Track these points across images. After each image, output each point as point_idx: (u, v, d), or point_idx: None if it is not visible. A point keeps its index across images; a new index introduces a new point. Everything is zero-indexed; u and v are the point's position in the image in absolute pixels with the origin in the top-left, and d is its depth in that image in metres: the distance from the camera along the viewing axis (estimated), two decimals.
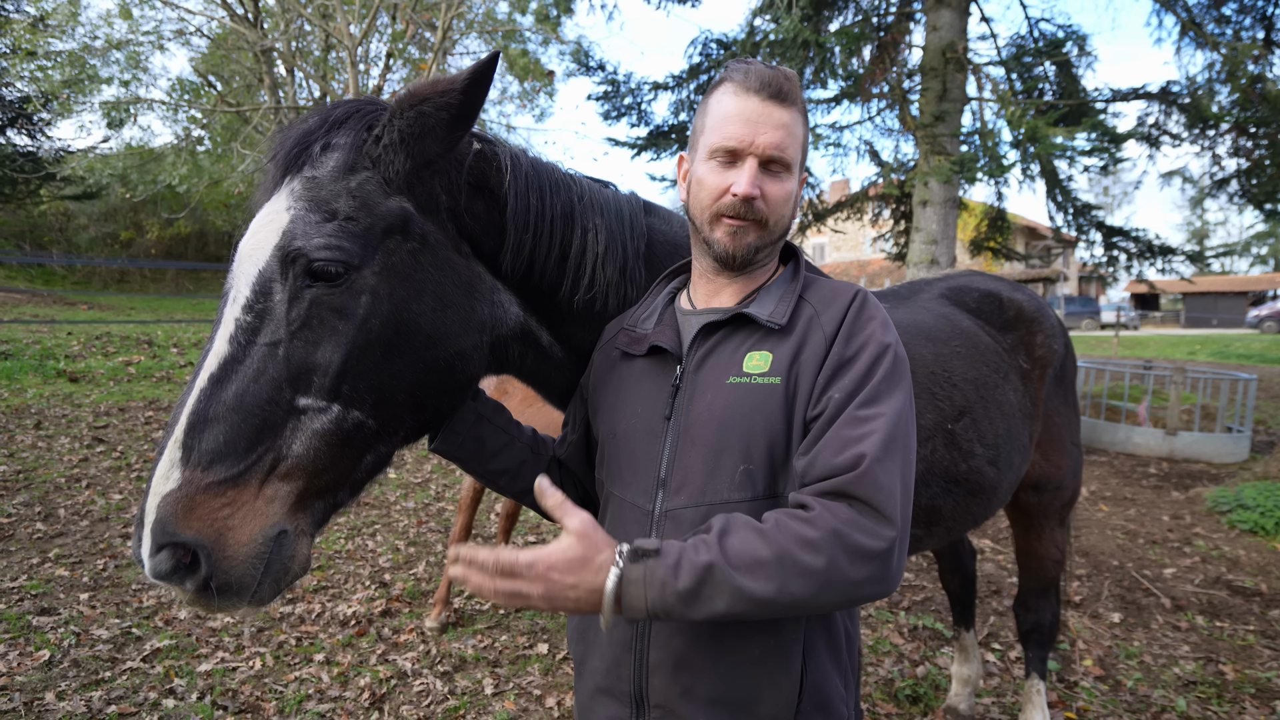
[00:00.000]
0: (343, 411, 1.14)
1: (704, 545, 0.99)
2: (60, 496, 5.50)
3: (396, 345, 1.18)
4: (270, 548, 1.08)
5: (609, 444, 1.31)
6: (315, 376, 1.12)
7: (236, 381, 1.09)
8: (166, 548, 1.02)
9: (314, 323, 1.13)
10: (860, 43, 7.44)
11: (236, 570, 1.05)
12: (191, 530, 1.02)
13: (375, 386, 1.17)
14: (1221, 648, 4.02)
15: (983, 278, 2.68)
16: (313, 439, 1.12)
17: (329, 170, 1.21)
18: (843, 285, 1.27)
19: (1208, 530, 5.97)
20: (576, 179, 1.51)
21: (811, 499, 1.03)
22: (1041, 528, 2.81)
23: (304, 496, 1.13)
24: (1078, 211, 9.61)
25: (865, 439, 1.04)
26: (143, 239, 27.34)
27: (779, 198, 1.20)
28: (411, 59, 20.26)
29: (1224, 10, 7.58)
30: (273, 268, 1.15)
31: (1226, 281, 44.04)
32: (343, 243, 1.15)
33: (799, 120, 1.21)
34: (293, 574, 1.13)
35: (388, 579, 4.57)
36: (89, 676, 3.27)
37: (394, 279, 1.19)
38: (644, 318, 1.35)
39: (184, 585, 1.04)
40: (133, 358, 10.00)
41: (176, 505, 1.03)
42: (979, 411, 2.09)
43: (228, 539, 1.05)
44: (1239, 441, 8.44)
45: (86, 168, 17.95)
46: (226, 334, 1.13)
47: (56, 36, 16.72)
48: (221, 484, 1.05)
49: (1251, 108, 7.18)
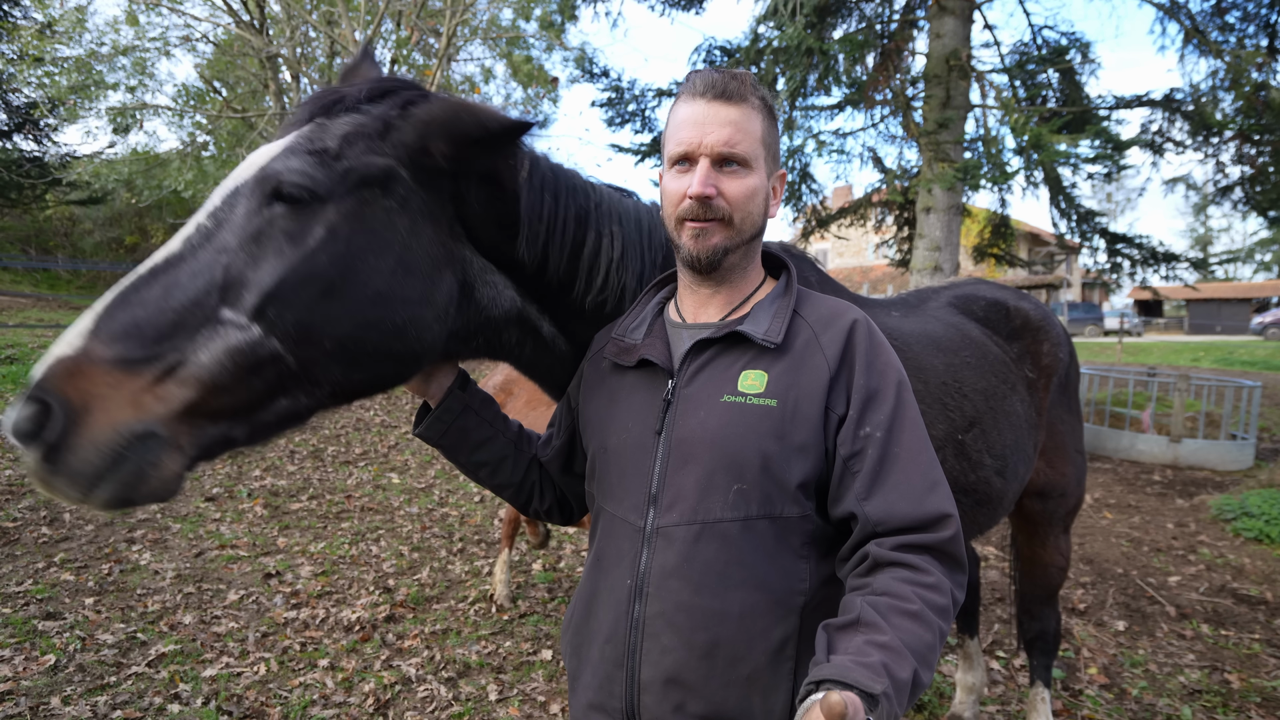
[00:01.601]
0: (262, 336, 1.10)
1: (895, 654, 0.96)
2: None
3: (339, 289, 1.16)
4: (131, 444, 1.01)
5: (600, 458, 1.31)
6: (245, 291, 1.10)
7: (172, 274, 1.09)
8: (34, 403, 0.97)
9: (263, 239, 1.13)
10: (864, 50, 7.46)
11: (85, 451, 0.98)
12: (63, 393, 0.98)
13: (303, 322, 1.13)
14: (1227, 656, 4.01)
15: (989, 286, 2.69)
16: (222, 354, 1.07)
17: (340, 122, 1.24)
18: (839, 304, 1.27)
19: (1212, 538, 5.96)
20: (596, 187, 1.52)
21: (917, 559, 1.07)
22: (1046, 535, 2.81)
23: (195, 411, 1.07)
24: (1081, 218, 9.60)
25: (935, 488, 1.12)
26: (148, 244, 27.39)
27: (739, 194, 1.19)
28: (415, 65, 20.33)
29: (1227, 18, 7.59)
30: (248, 185, 1.16)
31: (1230, 288, 43.95)
32: (315, 173, 1.16)
33: (753, 116, 1.20)
34: (149, 486, 1.04)
35: (392, 584, 4.58)
36: (94, 681, 3.28)
37: (357, 225, 1.18)
38: (632, 327, 1.35)
39: (29, 447, 0.97)
40: None
41: (63, 368, 0.99)
42: (988, 422, 2.09)
43: (92, 416, 0.99)
44: (1243, 449, 8.42)
45: (92, 173, 18.02)
46: (184, 235, 1.14)
47: (64, 43, 16.80)
48: (114, 362, 1.01)
49: (1255, 115, 7.18)
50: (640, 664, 1.16)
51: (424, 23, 16.21)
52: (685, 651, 1.13)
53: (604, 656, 1.21)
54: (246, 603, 4.19)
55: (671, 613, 1.14)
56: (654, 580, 1.16)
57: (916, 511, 1.09)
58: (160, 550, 4.83)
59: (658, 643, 1.15)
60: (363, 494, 6.40)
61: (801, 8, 6.45)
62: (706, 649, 1.12)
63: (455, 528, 5.74)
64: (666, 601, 1.15)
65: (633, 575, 1.19)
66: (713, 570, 1.14)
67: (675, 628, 1.14)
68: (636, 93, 8.87)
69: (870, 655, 0.95)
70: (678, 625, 1.14)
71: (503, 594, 4.43)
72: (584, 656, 1.27)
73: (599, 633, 1.23)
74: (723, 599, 1.13)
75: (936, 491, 1.12)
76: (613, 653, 1.20)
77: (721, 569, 1.14)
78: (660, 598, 1.16)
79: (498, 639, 3.97)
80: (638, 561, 1.19)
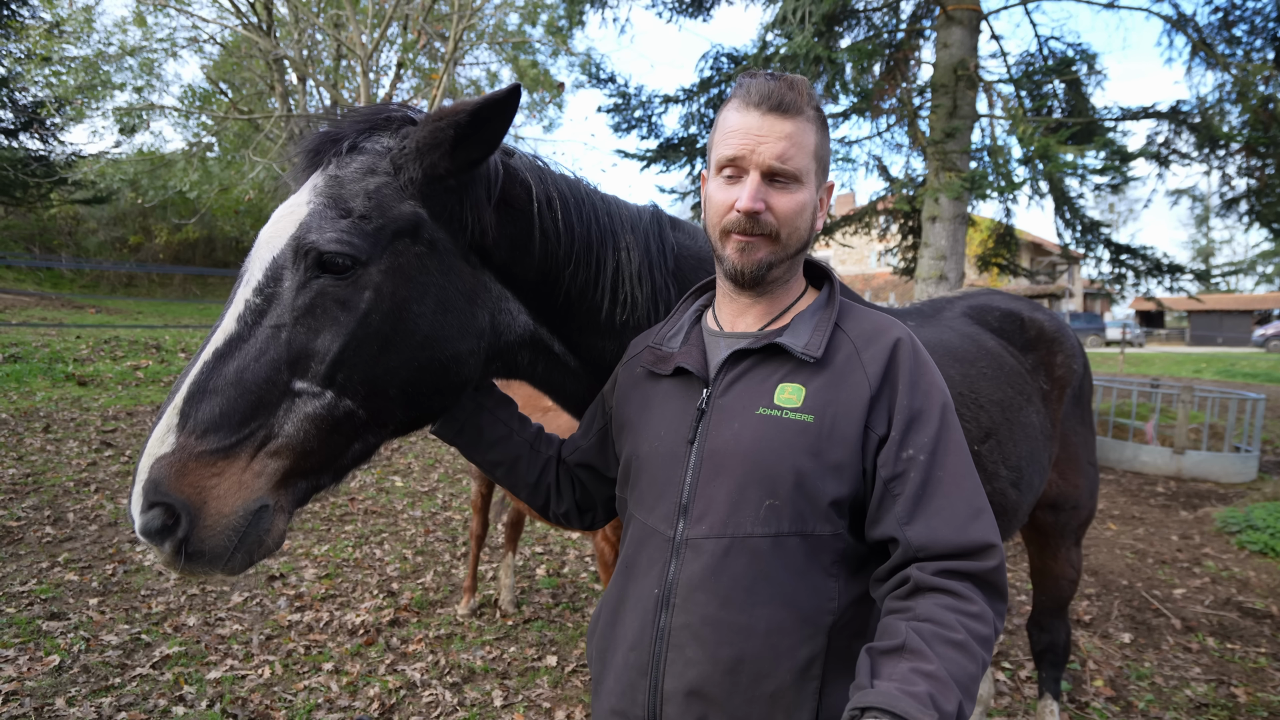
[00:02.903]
0: (335, 399, 1.18)
1: (941, 684, 0.95)
2: (69, 500, 5.51)
3: (394, 342, 1.21)
4: (249, 520, 1.11)
5: (632, 464, 1.30)
6: (313, 362, 1.16)
7: (239, 358, 1.14)
8: (156, 506, 1.06)
9: (317, 311, 1.17)
10: (872, 59, 7.48)
11: (214, 538, 1.08)
12: (180, 494, 1.06)
13: (369, 379, 1.20)
14: (1233, 670, 4.00)
15: (1003, 297, 2.68)
16: (304, 422, 1.16)
17: (352, 170, 1.25)
18: (883, 319, 1.26)
19: (1217, 551, 5.94)
20: (603, 195, 1.52)
21: (960, 586, 1.06)
22: (1058, 547, 2.80)
23: (289, 475, 1.16)
24: (1086, 229, 9.61)
25: (979, 515, 1.11)
26: (151, 244, 27.48)
27: (788, 210, 1.18)
28: (421, 69, 20.39)
29: (1234, 31, 7.61)
30: (286, 256, 1.19)
31: (1232, 300, 43.98)
32: (353, 239, 1.18)
33: (807, 129, 1.18)
34: (266, 547, 1.15)
35: (395, 588, 4.57)
36: (99, 682, 3.27)
37: (398, 279, 1.22)
38: (670, 335, 1.34)
39: (162, 546, 1.07)
40: (141, 362, 10.03)
41: (169, 468, 1.07)
42: (1004, 434, 2.09)
43: (211, 506, 1.08)
44: (1247, 461, 8.40)
45: (98, 172, 18.07)
46: (235, 313, 1.17)
47: (71, 42, 16.86)
48: (213, 453, 1.09)
49: (1262, 128, 7.19)
50: (664, 674, 1.16)
51: (431, 27, 16.26)
52: (709, 665, 1.12)
53: (628, 664, 1.21)
54: (250, 605, 4.18)
55: (697, 625, 1.14)
56: (681, 591, 1.16)
57: (960, 539, 1.08)
58: None
59: (682, 654, 1.14)
60: (366, 497, 6.39)
61: (810, 16, 6.47)
62: (731, 664, 1.11)
63: (459, 532, 5.73)
64: (693, 614, 1.14)
65: (660, 585, 1.18)
66: (741, 585, 1.13)
67: (700, 640, 1.13)
68: (643, 99, 8.89)
69: (917, 685, 0.93)
70: (703, 638, 1.13)
71: (507, 599, 4.42)
72: (608, 662, 1.26)
73: (624, 639, 1.23)
74: (750, 614, 1.12)
75: (981, 519, 1.10)
76: (637, 661, 1.19)
77: (750, 584, 1.12)
78: (687, 609, 1.15)
79: (502, 644, 3.96)
80: (666, 571, 1.18)
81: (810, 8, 6.48)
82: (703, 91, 8.73)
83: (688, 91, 8.77)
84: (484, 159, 1.27)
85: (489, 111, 1.19)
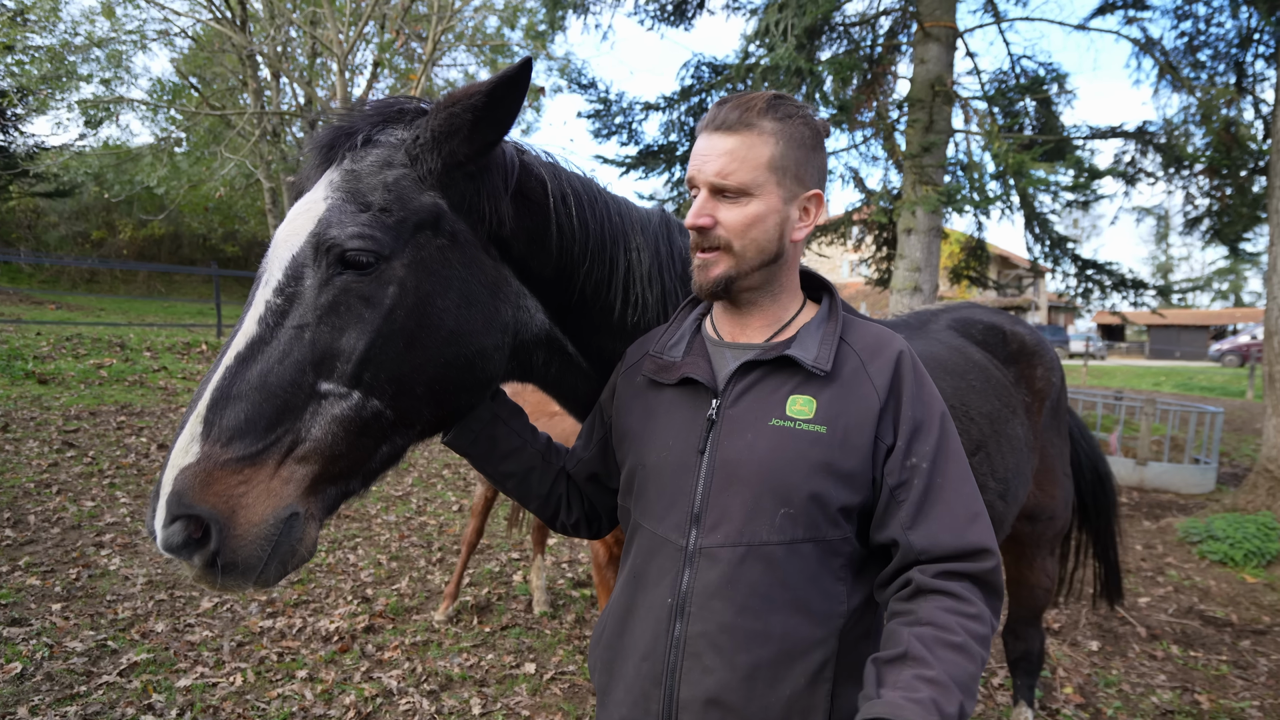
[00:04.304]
0: (363, 399, 1.15)
1: (943, 689, 0.99)
2: (29, 502, 5.35)
3: (419, 338, 1.19)
4: (280, 529, 1.09)
5: (638, 474, 1.30)
6: (338, 362, 1.14)
7: (261, 361, 1.10)
8: (180, 520, 1.02)
9: (341, 309, 1.15)
10: (852, 73, 7.58)
11: (245, 549, 1.06)
12: (207, 504, 1.03)
13: (396, 377, 1.18)
14: (1196, 677, 4.10)
15: (984, 310, 2.74)
16: (331, 424, 1.13)
17: (367, 164, 1.23)
18: (883, 333, 1.29)
19: (1179, 560, 6.10)
20: (613, 195, 1.52)
21: (959, 588, 1.10)
22: (1034, 557, 2.86)
23: (318, 481, 1.14)
24: (1054, 244, 9.83)
25: (976, 519, 1.15)
26: (114, 239, 26.81)
27: (735, 223, 1.19)
28: (398, 69, 20.22)
29: (1199, 55, 7.85)
30: (306, 254, 1.17)
31: (1189, 315, 45.28)
32: (375, 233, 1.16)
33: (757, 142, 1.18)
34: (299, 557, 1.13)
35: (370, 594, 4.50)
36: (63, 691, 3.17)
37: (422, 273, 1.20)
38: (671, 344, 1.34)
39: (191, 560, 1.04)
40: (104, 360, 9.78)
41: (194, 478, 1.03)
42: (993, 446, 2.12)
43: (240, 516, 1.05)
44: (1205, 473, 8.64)
45: (61, 165, 17.61)
46: (256, 315, 1.14)
47: (36, 31, 16.45)
48: (239, 461, 1.05)
49: (1223, 150, 7.42)
50: (680, 683, 1.16)
51: (409, 27, 16.14)
52: (727, 672, 1.13)
53: (640, 674, 1.21)
54: (220, 611, 4.09)
55: (714, 633, 1.14)
56: (696, 600, 1.16)
57: (958, 543, 1.12)
58: (130, 555, 4.70)
59: (699, 663, 1.15)
60: None
61: (793, 29, 6.55)
62: (749, 670, 1.13)
63: (434, 537, 5.67)
64: (709, 622, 1.15)
65: (673, 594, 1.19)
66: (757, 592, 1.14)
67: (718, 648, 1.14)
68: (624, 105, 8.90)
69: (919, 691, 0.98)
70: (720, 646, 1.14)
71: (541, 600, 4.46)
72: (616, 672, 1.26)
73: (635, 649, 1.23)
74: (765, 621, 1.14)
75: (977, 524, 1.15)
76: (650, 670, 1.19)
77: (765, 591, 1.14)
78: (703, 618, 1.16)
79: (479, 651, 3.92)
80: (679, 580, 1.19)
81: (793, 20, 6.56)
82: (683, 100, 8.78)
83: (668, 99, 8.80)
84: (499, 140, 1.26)
85: (503, 90, 1.19)
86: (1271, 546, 5.92)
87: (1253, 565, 5.85)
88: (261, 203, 19.38)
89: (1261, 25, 7.19)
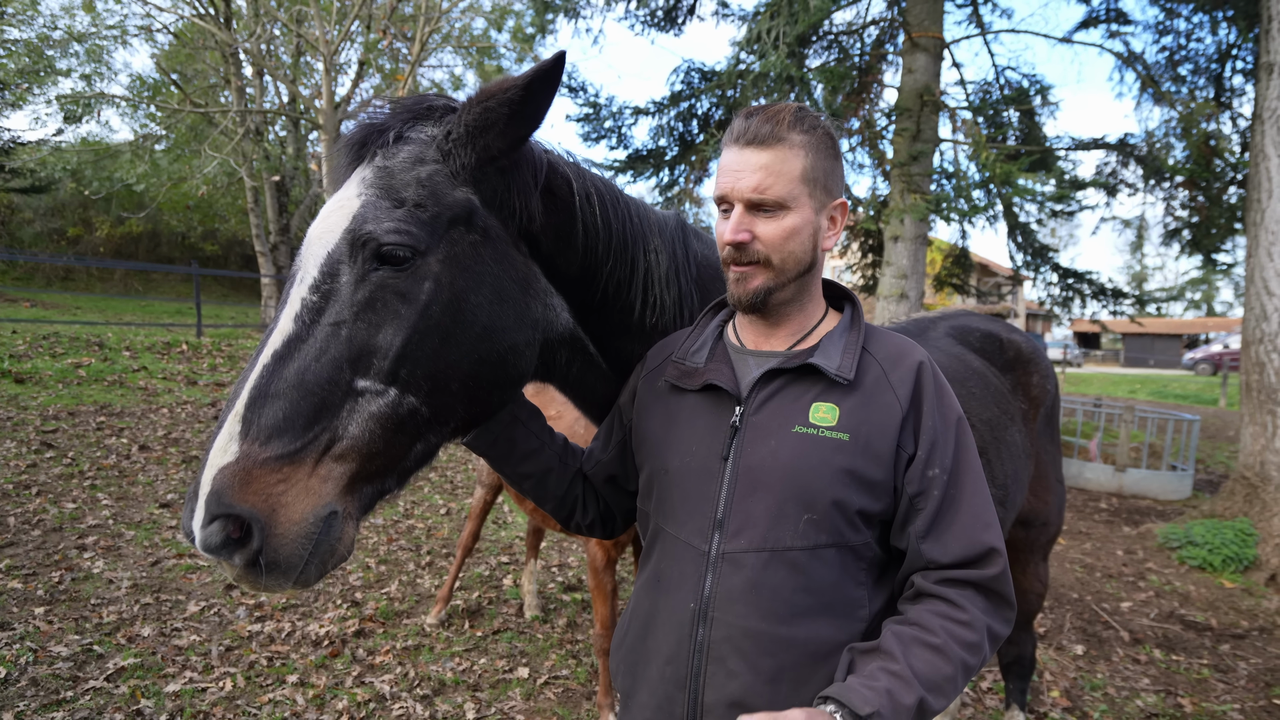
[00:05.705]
0: (399, 396, 1.15)
1: (903, 682, 1.04)
2: (9, 504, 5.25)
3: (454, 334, 1.19)
4: (320, 527, 1.08)
5: (659, 479, 1.31)
6: (375, 359, 1.13)
7: (299, 359, 1.10)
8: (219, 519, 1.01)
9: (378, 305, 1.15)
10: (841, 81, 7.65)
11: (286, 548, 1.05)
12: (247, 503, 1.02)
13: (431, 373, 1.18)
14: (1179, 681, 4.17)
15: (979, 318, 2.77)
16: (369, 421, 1.13)
17: (400, 160, 1.23)
18: (903, 342, 1.31)
19: (1159, 565, 6.20)
20: (631, 197, 1.53)
21: (957, 594, 1.13)
22: (1026, 562, 2.89)
23: (356, 479, 1.14)
24: (1036, 253, 9.98)
25: (988, 529, 1.18)
26: (91, 236, 26.35)
27: (775, 236, 1.21)
28: (384, 70, 20.11)
29: (1180, 70, 8.03)
30: (341, 250, 1.16)
31: (1163, 324, 46.04)
32: (411, 228, 1.16)
33: (790, 156, 1.20)
34: (338, 556, 1.13)
35: (359, 598, 4.46)
36: (49, 696, 3.12)
37: (456, 268, 1.21)
38: (693, 350, 1.35)
39: (232, 560, 1.04)
40: (83, 360, 9.62)
41: (234, 478, 1.02)
42: (993, 453, 2.16)
43: (281, 515, 1.04)
44: (1182, 480, 8.80)
45: (38, 161, 17.31)
46: (292, 313, 1.14)
47: (14, 25, 16.17)
48: (279, 459, 1.05)
49: (1203, 162, 7.58)
50: (704, 687, 1.17)
51: (395, 26, 16.06)
52: (751, 676, 1.14)
53: (664, 677, 1.21)
54: (208, 615, 4.04)
55: (738, 638, 1.16)
56: (719, 605, 1.18)
57: (966, 551, 1.16)
58: (114, 558, 4.62)
59: (723, 667, 1.16)
60: None
61: (784, 37, 6.60)
62: (773, 674, 1.14)
63: (422, 540, 5.64)
64: (733, 627, 1.16)
65: (696, 599, 1.20)
66: (780, 597, 1.16)
67: (742, 653, 1.15)
68: (614, 110, 8.92)
69: (878, 680, 1.04)
70: (744, 650, 1.15)
71: (532, 604, 4.45)
72: (640, 676, 1.27)
73: (658, 653, 1.23)
74: (789, 625, 1.15)
75: (989, 530, 1.18)
76: (674, 674, 1.20)
77: (789, 595, 1.16)
78: (726, 622, 1.17)
79: (471, 656, 3.90)
80: (701, 585, 1.20)
81: (784, 29, 6.61)
82: (673, 105, 8.81)
83: (658, 104, 8.83)
84: (530, 135, 1.27)
85: (539, 84, 1.19)
86: (1249, 552, 6.04)
87: (1230, 571, 5.96)
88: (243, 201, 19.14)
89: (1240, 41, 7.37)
